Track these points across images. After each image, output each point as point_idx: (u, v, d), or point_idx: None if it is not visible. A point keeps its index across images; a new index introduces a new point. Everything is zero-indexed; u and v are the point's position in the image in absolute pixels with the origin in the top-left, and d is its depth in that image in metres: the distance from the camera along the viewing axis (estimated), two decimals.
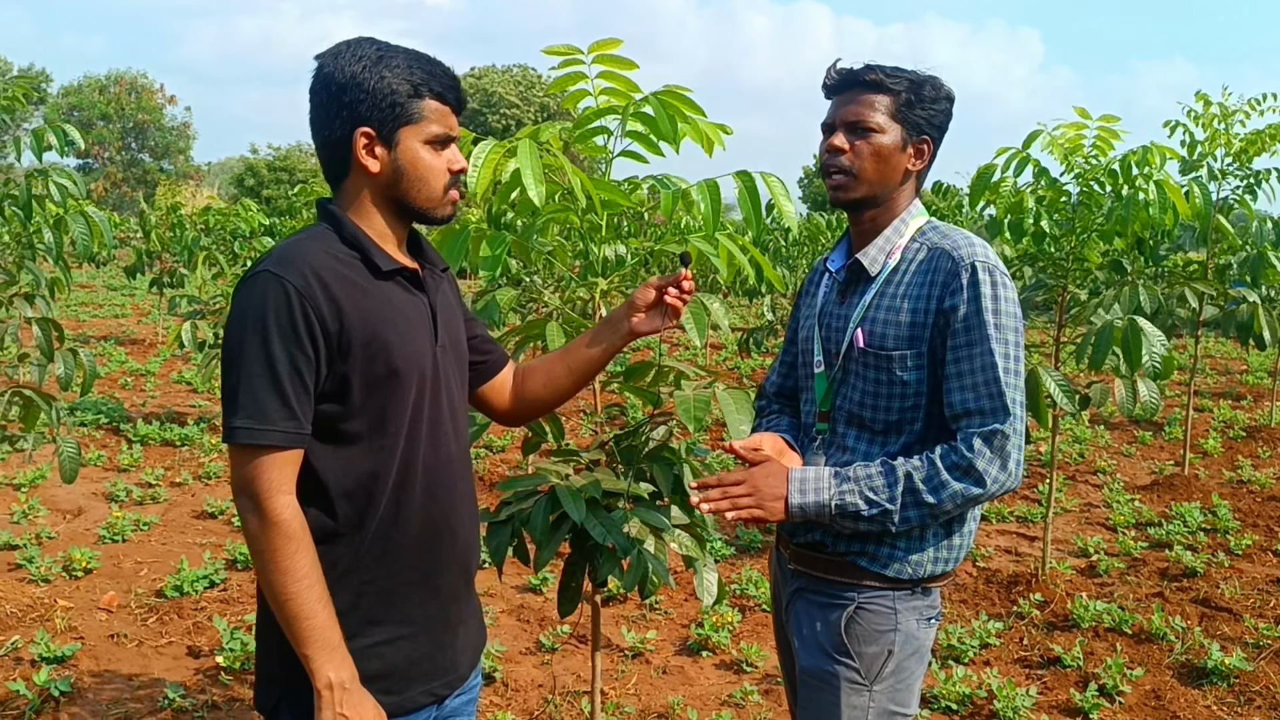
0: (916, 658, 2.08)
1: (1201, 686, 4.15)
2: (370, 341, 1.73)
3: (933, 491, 1.92)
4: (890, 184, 2.07)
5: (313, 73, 1.79)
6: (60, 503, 6.41)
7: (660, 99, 2.50)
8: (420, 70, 1.77)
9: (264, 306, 1.66)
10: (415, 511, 1.81)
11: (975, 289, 1.95)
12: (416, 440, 1.81)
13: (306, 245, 1.74)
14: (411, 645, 1.82)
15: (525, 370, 2.20)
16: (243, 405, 1.65)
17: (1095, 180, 4.81)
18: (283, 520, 1.65)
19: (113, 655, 4.24)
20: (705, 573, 2.74)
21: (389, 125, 1.76)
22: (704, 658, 4.42)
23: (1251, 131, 6.48)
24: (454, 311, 1.99)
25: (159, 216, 14.45)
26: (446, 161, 1.82)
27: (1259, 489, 7.40)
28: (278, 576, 1.65)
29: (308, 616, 1.65)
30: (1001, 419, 1.92)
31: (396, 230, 1.86)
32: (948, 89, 2.08)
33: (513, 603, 5.00)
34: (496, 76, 52.36)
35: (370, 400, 1.74)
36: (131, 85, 53.88)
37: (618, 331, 2.13)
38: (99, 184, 49.84)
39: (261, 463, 1.65)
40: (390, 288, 1.80)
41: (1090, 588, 5.29)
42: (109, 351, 13.14)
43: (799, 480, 1.98)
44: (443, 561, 1.86)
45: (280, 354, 1.65)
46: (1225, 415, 10.48)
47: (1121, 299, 5.22)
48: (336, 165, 1.82)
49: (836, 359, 2.13)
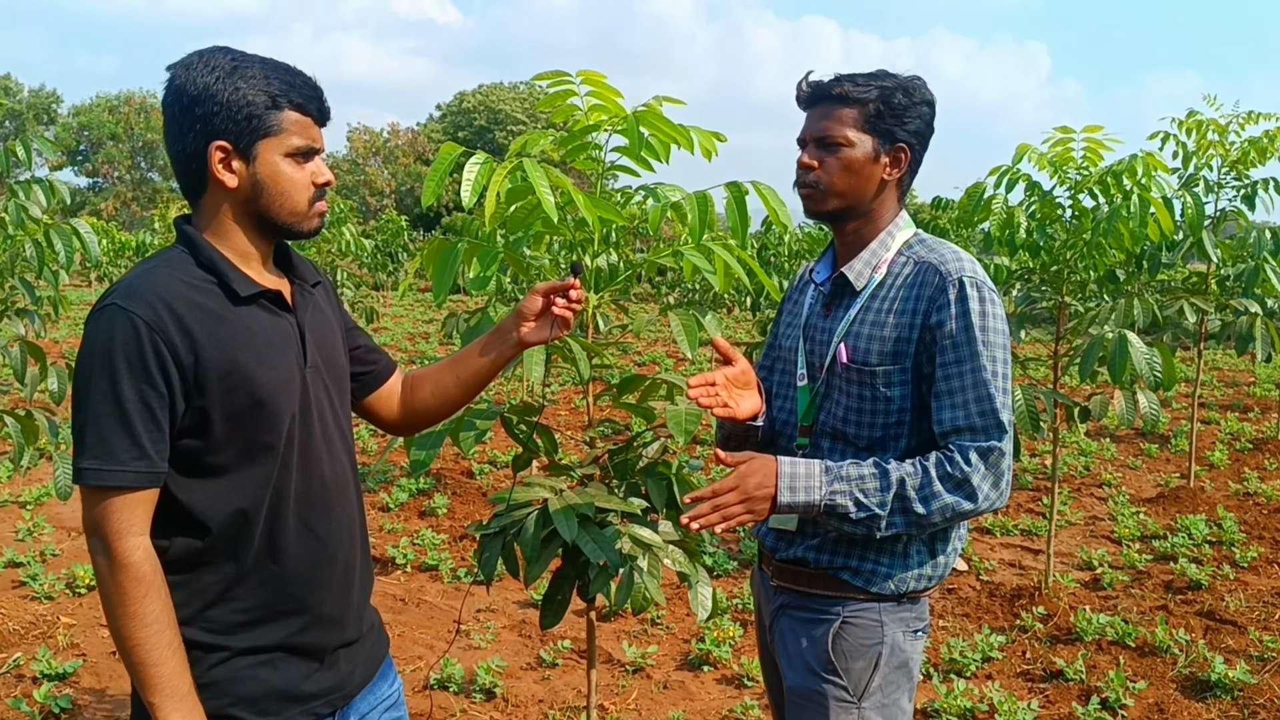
0: (904, 671, 2.06)
1: (1205, 700, 4.12)
2: (229, 373, 1.66)
3: (923, 501, 1.89)
4: (864, 195, 2.05)
5: (164, 84, 1.72)
6: (65, 520, 6.43)
7: (638, 116, 2.51)
8: (278, 80, 1.70)
9: (111, 342, 1.59)
10: (290, 540, 1.76)
11: (964, 305, 1.93)
12: (288, 468, 1.75)
13: (157, 274, 1.66)
14: (288, 667, 1.77)
15: (414, 379, 2.15)
16: (90, 445, 1.59)
17: (1087, 191, 4.81)
18: (132, 563, 1.59)
19: (114, 672, 4.24)
20: (699, 588, 2.73)
21: (246, 138, 1.69)
22: (705, 672, 4.41)
23: (1247, 140, 6.45)
24: (328, 327, 1.92)
25: (164, 236, 14.50)
26: (310, 174, 1.76)
27: (1265, 501, 7.36)
28: (125, 621, 1.59)
29: (155, 664, 1.60)
30: (997, 436, 1.90)
31: (260, 247, 1.78)
32: (924, 93, 2.04)
33: (514, 618, 4.99)
34: (504, 94, 52.64)
35: (234, 432, 1.68)
36: (140, 105, 54.22)
37: (507, 341, 2.09)
38: (109, 203, 50.16)
39: (111, 504, 1.59)
40: (251, 312, 1.73)
41: (1094, 601, 5.26)
42: None
43: (789, 476, 1.93)
44: (322, 588, 1.81)
45: (129, 391, 1.59)
46: (1232, 427, 10.43)
47: (1115, 313, 5.21)
48: (192, 180, 1.74)
49: (820, 373, 2.10)
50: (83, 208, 49.53)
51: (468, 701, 4.07)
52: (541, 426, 2.78)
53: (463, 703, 4.05)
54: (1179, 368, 4.33)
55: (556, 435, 2.85)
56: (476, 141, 48.78)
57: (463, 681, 4.20)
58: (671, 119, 2.53)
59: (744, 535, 6.34)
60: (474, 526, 2.60)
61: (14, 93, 54.42)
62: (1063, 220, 5.05)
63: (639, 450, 2.71)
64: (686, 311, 2.64)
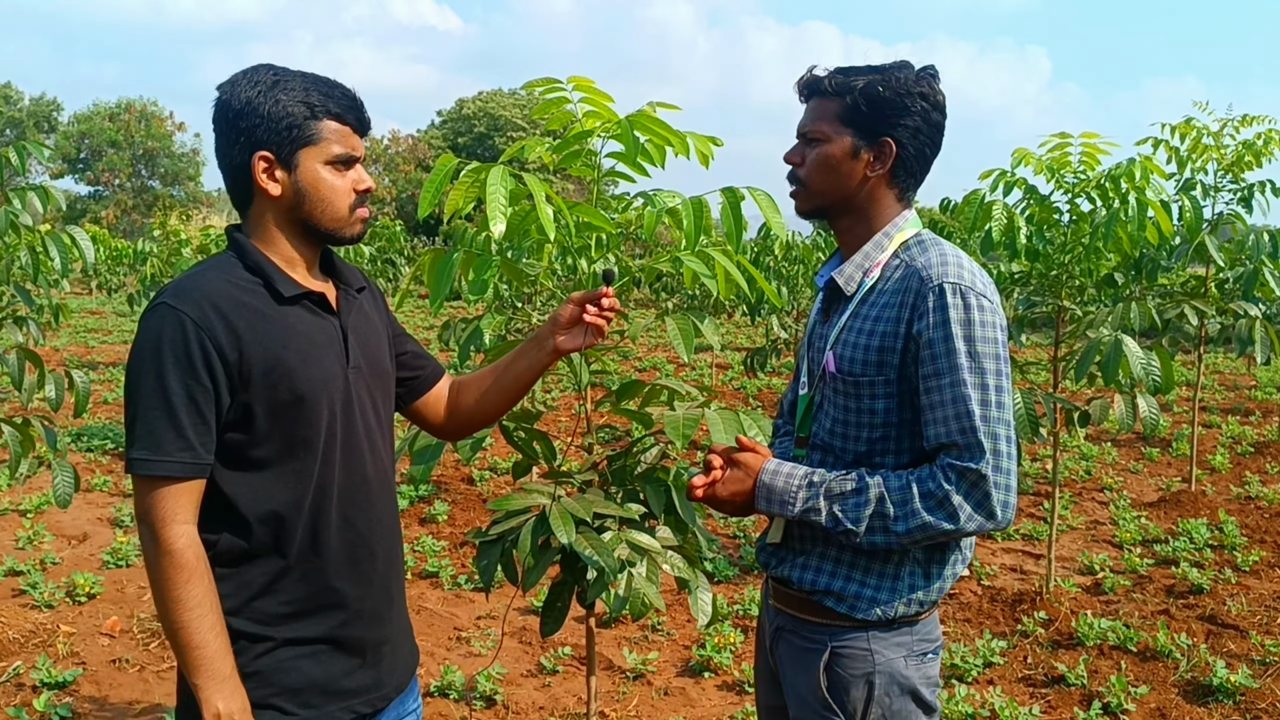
0: (912, 698, 1.93)
1: (1207, 704, 4.11)
2: (272, 369, 1.74)
3: (902, 519, 1.79)
4: (844, 192, 1.95)
5: (213, 103, 1.81)
6: (65, 528, 6.42)
7: (632, 121, 2.51)
8: (317, 92, 1.78)
9: (159, 339, 1.68)
10: (333, 535, 1.83)
11: (944, 313, 1.81)
12: (331, 464, 1.83)
13: (205, 275, 1.77)
14: (331, 661, 1.84)
15: (459, 385, 2.21)
16: (139, 437, 1.68)
17: (1084, 195, 4.81)
18: (176, 549, 1.67)
19: (114, 681, 4.23)
20: (699, 593, 2.72)
21: (287, 148, 1.77)
22: (706, 679, 4.40)
23: (1241, 143, 6.44)
24: (373, 330, 1.99)
25: (163, 244, 14.49)
26: (351, 181, 1.84)
27: (1267, 505, 7.35)
28: (170, 605, 1.67)
29: (198, 646, 1.67)
30: (974, 457, 1.77)
31: (305, 253, 1.87)
32: (915, 86, 1.91)
33: (514, 625, 4.98)
34: (504, 100, 52.64)
35: (277, 427, 1.76)
36: (141, 113, 54.26)
37: (543, 349, 2.14)
38: (109, 211, 50.16)
39: (158, 493, 1.68)
40: (294, 312, 1.81)
41: (1095, 605, 5.25)
42: (117, 377, 13.17)
43: (765, 488, 1.91)
44: (363, 583, 1.89)
45: (176, 386, 1.67)
46: (1233, 431, 10.41)
47: (1113, 316, 5.20)
48: (240, 192, 1.83)
49: (817, 382, 2.02)
50: (83, 215, 49.53)
51: (469, 709, 4.06)
52: (539, 433, 2.78)
53: (464, 710, 4.05)
54: (1179, 371, 4.31)
55: (555, 442, 2.84)
56: (477, 148, 48.80)
57: (463, 689, 4.19)
58: (669, 124, 2.53)
59: (745, 541, 6.33)
60: (473, 533, 2.60)
61: (14, 101, 54.43)
62: (1060, 224, 5.05)
63: (637, 456, 2.71)
64: (684, 316, 2.64)
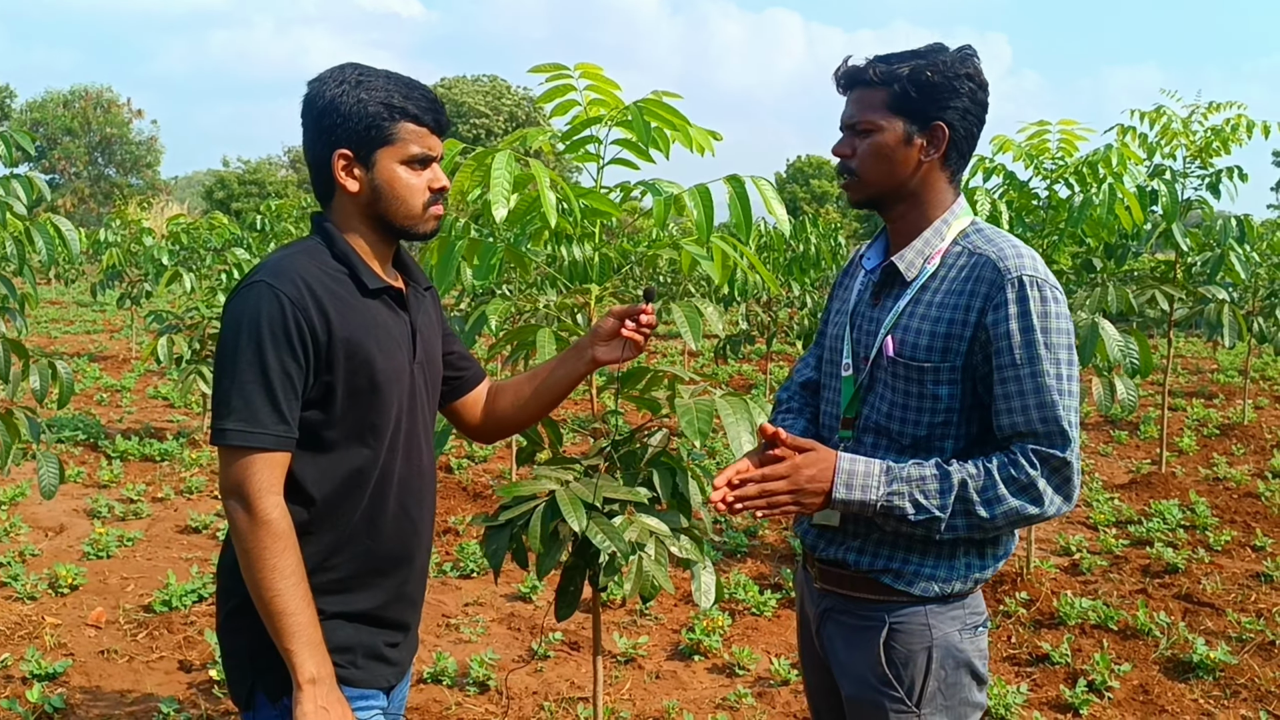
0: (966, 670, 1.95)
1: (1188, 680, 4.20)
2: (354, 354, 1.80)
3: (986, 505, 1.80)
4: (900, 179, 1.95)
5: (301, 98, 1.87)
6: (41, 520, 6.36)
7: (641, 107, 2.53)
8: (398, 94, 1.84)
9: (259, 314, 1.73)
10: (388, 520, 1.90)
11: (1024, 305, 1.82)
12: (395, 452, 1.90)
13: (299, 259, 1.82)
14: (371, 634, 1.91)
15: (497, 389, 2.28)
16: (235, 408, 1.72)
17: (1063, 180, 4.88)
18: (272, 520, 1.71)
19: (104, 671, 4.21)
20: (703, 575, 2.75)
21: (365, 147, 1.83)
22: (696, 662, 4.44)
23: (1210, 129, 6.53)
24: (434, 329, 2.07)
25: (123, 233, 14.29)
26: (427, 180, 1.89)
27: (1235, 486, 7.50)
28: (266, 574, 1.71)
29: (293, 613, 1.71)
30: (1060, 445, 1.80)
31: (380, 248, 1.93)
32: (961, 67, 1.90)
33: (503, 611, 5.00)
34: (466, 87, 52.34)
35: (351, 410, 1.82)
36: (97, 99, 53.39)
37: (581, 358, 2.19)
38: (66, 199, 49.32)
39: (253, 463, 1.72)
40: (375, 305, 1.88)
41: (1075, 586, 5.35)
42: (83, 368, 13.02)
43: (847, 474, 1.85)
44: (410, 567, 1.97)
45: (273, 360, 1.73)
46: (1199, 414, 10.60)
47: (1090, 300, 5.29)
48: (323, 185, 1.90)
49: (865, 364, 2.00)
50: (39, 204, 48.69)
51: (462, 694, 4.08)
52: (548, 419, 2.79)
53: (457, 695, 4.06)
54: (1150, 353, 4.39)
55: (562, 429, 2.86)
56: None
57: (456, 675, 4.20)
58: (679, 112, 2.55)
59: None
60: (480, 519, 2.61)
61: None
62: (1038, 209, 5.13)
63: (644, 441, 2.73)
64: (689, 304, 2.65)
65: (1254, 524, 6.45)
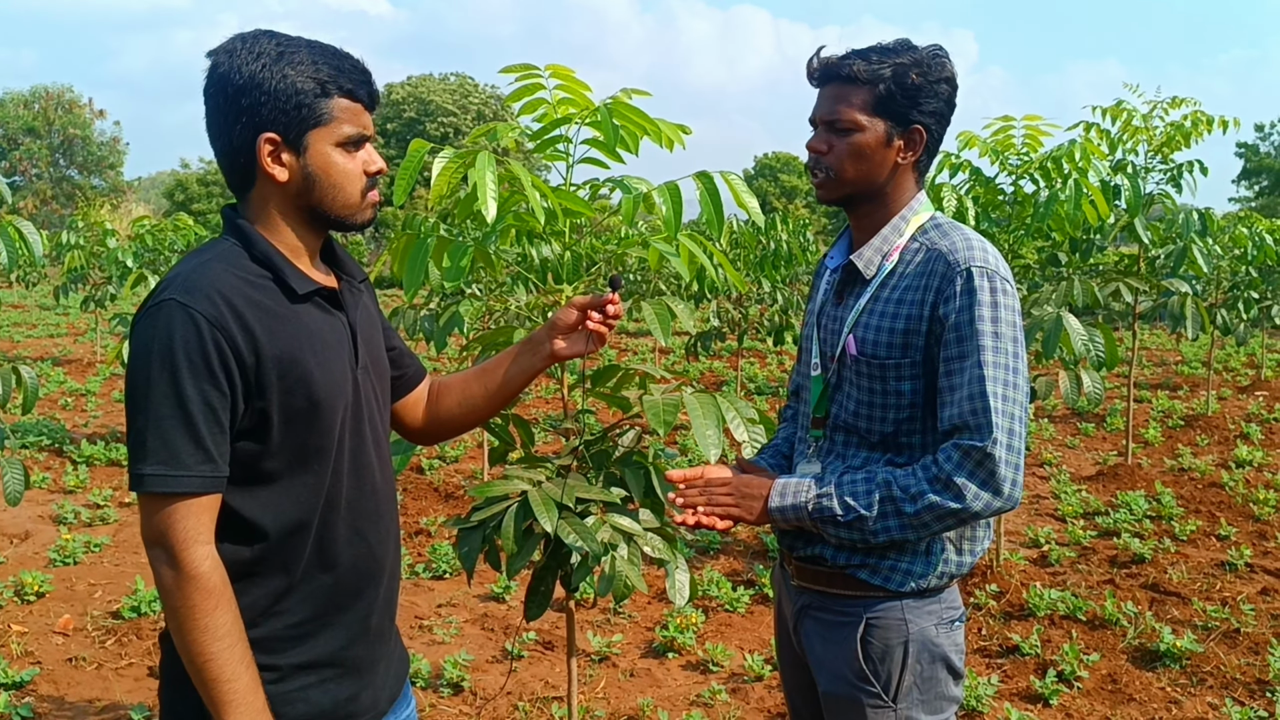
0: (942, 664, 1.97)
1: (1155, 669, 4.25)
2: (288, 373, 1.58)
3: (910, 501, 1.82)
4: (876, 180, 1.95)
5: (205, 72, 1.61)
6: (6, 527, 6.27)
7: (610, 108, 2.53)
8: (327, 66, 1.61)
9: (171, 339, 1.50)
10: (341, 550, 1.69)
11: (971, 296, 1.83)
12: (340, 474, 1.68)
13: (214, 268, 1.58)
14: (337, 687, 1.71)
15: (440, 387, 2.07)
16: (152, 450, 1.50)
17: (1028, 176, 4.93)
18: (201, 573, 1.50)
19: (72, 679, 4.16)
20: (677, 574, 2.75)
21: (295, 129, 1.60)
22: (670, 659, 4.44)
23: (1170, 124, 6.60)
24: (374, 326, 1.86)
25: (86, 235, 14.11)
26: (361, 163, 1.67)
27: (1199, 476, 7.59)
28: (196, 635, 1.50)
29: (229, 679, 1.51)
30: (981, 436, 1.79)
31: (309, 242, 1.71)
32: (941, 70, 1.91)
33: (476, 612, 4.99)
34: (434, 85, 52.12)
35: (289, 435, 1.61)
36: (58, 99, 52.73)
37: (539, 354, 2.02)
38: (28, 201, 48.71)
39: (176, 510, 1.50)
40: (307, 310, 1.66)
41: (1044, 577, 5.40)
42: (46, 372, 12.87)
43: (782, 484, 1.95)
44: (370, 600, 1.75)
45: (192, 391, 1.50)
46: (1163, 405, 10.73)
47: (1056, 294, 5.34)
48: (240, 175, 1.65)
49: (832, 363, 2.03)
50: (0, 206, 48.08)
51: (436, 696, 4.06)
52: (519, 418, 2.79)
53: (431, 697, 4.05)
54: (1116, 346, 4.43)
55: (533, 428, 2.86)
56: (406, 133, 48.13)
57: (430, 676, 4.19)
58: (645, 112, 2.55)
59: None
60: (453, 521, 2.60)
61: None
62: (1004, 205, 5.17)
63: (615, 440, 2.73)
64: (659, 302, 2.65)
65: (1218, 514, 6.54)
